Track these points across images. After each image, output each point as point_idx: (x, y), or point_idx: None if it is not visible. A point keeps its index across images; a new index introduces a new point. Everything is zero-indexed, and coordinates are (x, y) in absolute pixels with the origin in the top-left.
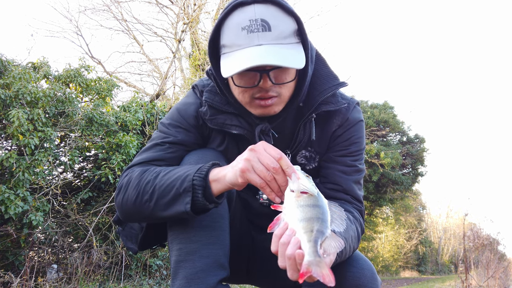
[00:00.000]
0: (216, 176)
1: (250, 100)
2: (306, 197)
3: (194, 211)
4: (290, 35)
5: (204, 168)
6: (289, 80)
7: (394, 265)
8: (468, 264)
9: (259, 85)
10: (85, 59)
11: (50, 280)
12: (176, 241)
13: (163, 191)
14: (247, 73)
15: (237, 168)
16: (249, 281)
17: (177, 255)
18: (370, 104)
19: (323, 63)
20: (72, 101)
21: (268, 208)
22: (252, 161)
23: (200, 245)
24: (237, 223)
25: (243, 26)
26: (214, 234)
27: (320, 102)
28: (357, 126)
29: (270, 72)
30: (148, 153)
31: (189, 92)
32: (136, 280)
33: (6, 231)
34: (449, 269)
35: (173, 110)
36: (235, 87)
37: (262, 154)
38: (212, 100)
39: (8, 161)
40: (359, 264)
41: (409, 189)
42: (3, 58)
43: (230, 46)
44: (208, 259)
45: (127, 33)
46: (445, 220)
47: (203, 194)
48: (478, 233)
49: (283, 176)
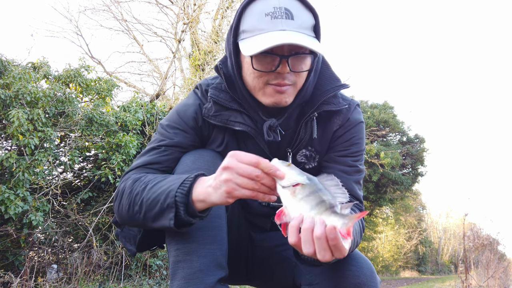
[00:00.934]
0: (201, 196)
1: (264, 86)
2: (300, 188)
3: (179, 225)
4: (309, 28)
5: (187, 183)
6: (305, 69)
7: (394, 265)
8: (468, 264)
9: (277, 70)
10: (85, 59)
11: (50, 280)
12: (174, 241)
13: (149, 204)
14: (266, 57)
15: (221, 191)
16: (249, 282)
17: (175, 256)
18: (370, 104)
19: (326, 66)
20: (72, 101)
21: (267, 208)
22: (233, 179)
23: (197, 245)
24: (235, 223)
25: (267, 12)
26: (211, 234)
27: (321, 102)
28: (357, 127)
29: (290, 58)
30: (144, 157)
31: (189, 93)
32: (136, 280)
33: (6, 231)
34: (449, 269)
35: (173, 111)
36: (250, 72)
37: (239, 168)
38: (217, 97)
39: (8, 161)
40: (358, 263)
41: (409, 189)
42: (3, 58)
43: (251, 30)
44: (206, 259)
45: (127, 33)
46: (445, 220)
47: (186, 210)
48: (478, 233)
49: (268, 178)
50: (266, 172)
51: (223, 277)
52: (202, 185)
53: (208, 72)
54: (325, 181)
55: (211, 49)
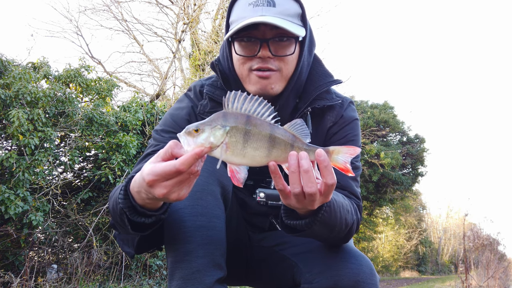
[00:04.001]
0: (140, 202)
1: (249, 73)
2: (231, 143)
3: (145, 228)
4: (294, 15)
5: (122, 190)
6: (289, 54)
7: (394, 265)
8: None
9: (259, 55)
10: (85, 59)
11: (50, 280)
12: (172, 242)
13: (113, 212)
14: (248, 43)
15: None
16: (248, 282)
17: (173, 256)
18: (370, 104)
19: (319, 62)
20: (72, 101)
21: (265, 207)
22: (168, 186)
23: (195, 245)
24: (234, 224)
25: (250, 2)
26: (209, 234)
27: (314, 97)
28: (352, 124)
29: (270, 42)
30: (140, 164)
31: (181, 97)
32: (136, 280)
33: (6, 231)
34: (449, 269)
35: (166, 116)
36: (236, 60)
37: (160, 176)
38: (213, 93)
39: (8, 161)
40: (358, 261)
41: (409, 189)
42: (3, 58)
43: (236, 20)
44: (204, 259)
45: (127, 33)
46: (445, 220)
47: (135, 212)
48: (478, 233)
49: (191, 160)
50: (188, 166)
51: (221, 277)
52: (137, 193)
53: (208, 72)
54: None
55: (211, 49)
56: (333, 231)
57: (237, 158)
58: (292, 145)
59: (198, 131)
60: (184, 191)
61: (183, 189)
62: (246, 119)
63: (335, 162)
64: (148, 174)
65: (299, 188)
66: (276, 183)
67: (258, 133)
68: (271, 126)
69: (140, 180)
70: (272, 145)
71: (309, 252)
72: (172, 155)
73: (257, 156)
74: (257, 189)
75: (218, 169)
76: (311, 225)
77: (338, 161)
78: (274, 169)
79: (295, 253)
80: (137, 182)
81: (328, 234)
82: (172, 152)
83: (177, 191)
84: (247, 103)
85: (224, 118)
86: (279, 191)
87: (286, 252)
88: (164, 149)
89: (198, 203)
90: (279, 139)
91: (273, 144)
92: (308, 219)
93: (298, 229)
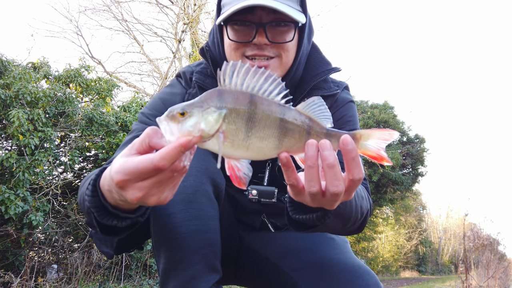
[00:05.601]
0: (112, 201)
1: (242, 60)
2: (229, 131)
3: (119, 232)
4: (292, 0)
5: (89, 185)
6: (288, 40)
7: (394, 265)
8: (468, 264)
9: (254, 41)
10: (85, 59)
11: (50, 280)
12: (164, 248)
13: (83, 211)
14: (243, 28)
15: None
16: (237, 282)
17: (165, 263)
18: (370, 104)
19: (316, 50)
20: (72, 101)
21: (257, 205)
22: (144, 188)
23: (190, 251)
24: (225, 222)
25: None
26: (204, 238)
27: (312, 87)
28: (347, 106)
29: (267, 27)
30: (120, 151)
31: (172, 81)
32: (136, 280)
33: (6, 231)
34: (449, 269)
35: (156, 99)
36: (228, 46)
37: (132, 174)
38: (203, 82)
39: (8, 161)
40: (364, 281)
41: (409, 189)
42: (3, 58)
43: (229, 2)
44: (200, 264)
45: (127, 33)
46: (445, 220)
47: (106, 212)
48: (478, 233)
49: (177, 152)
50: (158, 147)
51: (218, 280)
52: (108, 193)
53: None
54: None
55: None
56: (348, 223)
57: (238, 151)
58: (309, 131)
59: (184, 114)
60: (167, 193)
61: (164, 191)
62: (249, 98)
63: (365, 150)
64: (117, 172)
65: (317, 187)
66: (287, 178)
67: (265, 117)
68: (282, 107)
69: (109, 179)
70: (284, 133)
71: (311, 267)
72: (150, 146)
73: (265, 148)
74: (248, 186)
75: (211, 165)
76: (324, 219)
77: (368, 148)
78: (287, 162)
79: (295, 268)
80: (107, 179)
81: (342, 226)
82: (149, 142)
83: (157, 193)
84: (250, 77)
85: (220, 98)
86: (290, 186)
87: (286, 267)
88: (140, 139)
89: (191, 206)
90: (293, 124)
91: (285, 131)
92: (321, 212)
93: (309, 224)
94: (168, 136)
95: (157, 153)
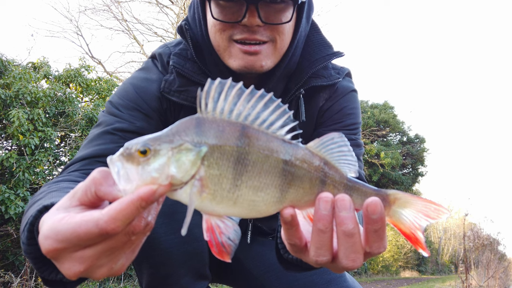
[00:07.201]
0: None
1: (229, 44)
2: (210, 179)
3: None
4: None
5: (25, 229)
6: (284, 21)
7: (394, 265)
8: (468, 264)
9: (244, 22)
10: (85, 59)
11: None
12: (146, 265)
13: None
14: (231, 5)
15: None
16: (221, 281)
17: (150, 280)
18: (370, 104)
19: (316, 30)
20: (72, 101)
21: None
22: (86, 259)
23: (176, 266)
24: None
25: None
26: (190, 249)
27: (310, 75)
28: (348, 96)
29: (260, 4)
30: (92, 147)
31: (147, 63)
32: (136, 280)
33: (6, 231)
34: (449, 269)
35: (127, 86)
36: (212, 26)
37: (69, 242)
38: (182, 67)
39: (8, 161)
40: None
41: (409, 189)
42: (3, 58)
43: None
44: (188, 276)
45: (127, 33)
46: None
47: (47, 266)
48: (478, 233)
49: (133, 211)
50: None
51: (207, 285)
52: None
53: None
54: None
55: None
56: None
57: (221, 206)
58: (324, 180)
59: (147, 153)
60: (123, 260)
61: (118, 260)
62: (240, 131)
63: (396, 220)
64: (46, 237)
65: (328, 257)
66: (288, 237)
67: (262, 158)
68: (287, 145)
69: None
70: (289, 181)
71: None
72: (98, 197)
73: (260, 202)
74: None
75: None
76: None
77: (402, 219)
78: (291, 220)
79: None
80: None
81: None
82: (97, 191)
83: (107, 263)
84: (243, 101)
85: (199, 130)
86: (290, 245)
87: (264, 280)
88: (84, 185)
89: (173, 217)
90: (301, 168)
91: (290, 178)
92: None
93: (303, 267)
94: (123, 184)
95: (106, 210)
